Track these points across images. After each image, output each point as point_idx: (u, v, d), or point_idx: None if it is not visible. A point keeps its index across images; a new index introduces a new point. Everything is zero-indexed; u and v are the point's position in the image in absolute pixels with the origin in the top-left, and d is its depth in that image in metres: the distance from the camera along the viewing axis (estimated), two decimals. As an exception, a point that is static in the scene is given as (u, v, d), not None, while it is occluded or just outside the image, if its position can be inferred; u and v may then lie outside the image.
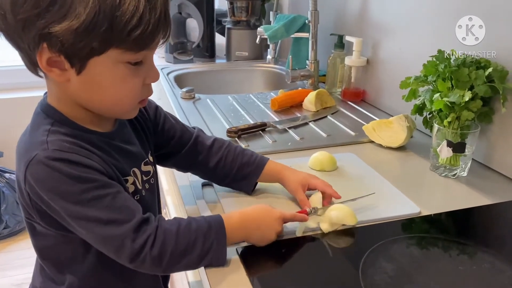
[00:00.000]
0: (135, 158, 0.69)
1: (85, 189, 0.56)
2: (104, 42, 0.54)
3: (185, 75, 1.68)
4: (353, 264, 0.62)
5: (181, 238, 0.58)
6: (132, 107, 0.63)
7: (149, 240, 0.57)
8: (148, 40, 0.56)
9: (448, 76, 0.86)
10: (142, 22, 0.54)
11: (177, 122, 0.80)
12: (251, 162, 0.79)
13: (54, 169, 0.55)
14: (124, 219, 0.57)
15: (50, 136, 0.58)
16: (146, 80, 0.61)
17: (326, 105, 1.29)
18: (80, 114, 0.61)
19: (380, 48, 1.25)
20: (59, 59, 0.55)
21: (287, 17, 1.55)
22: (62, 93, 0.60)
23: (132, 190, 0.67)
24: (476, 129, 0.86)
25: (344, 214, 0.71)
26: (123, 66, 0.57)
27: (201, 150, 0.79)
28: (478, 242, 0.70)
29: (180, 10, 1.78)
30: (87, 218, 0.56)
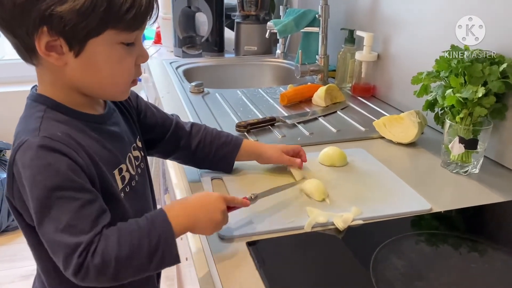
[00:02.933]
0: (126, 143, 0.70)
1: (60, 186, 0.55)
2: (102, 22, 0.56)
3: (194, 69, 1.68)
4: (364, 259, 0.62)
5: (123, 240, 0.55)
6: (126, 87, 0.65)
7: (91, 249, 0.54)
8: (141, 20, 0.60)
9: (461, 72, 0.85)
10: (136, 3, 0.57)
11: (158, 110, 0.82)
12: (228, 142, 0.83)
13: (38, 157, 0.55)
14: (82, 230, 0.54)
15: (43, 123, 0.59)
16: (137, 60, 0.64)
17: (335, 100, 1.28)
18: (73, 98, 0.63)
19: (391, 43, 1.24)
20: (57, 43, 0.56)
21: (297, 12, 1.54)
22: (57, 79, 0.61)
23: (128, 177, 0.68)
24: (488, 125, 0.85)
25: (313, 189, 0.76)
26: (118, 46, 0.60)
27: (182, 135, 0.82)
28: (490, 239, 0.69)
29: (189, 4, 1.77)
30: (49, 216, 0.54)
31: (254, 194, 0.71)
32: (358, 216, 0.71)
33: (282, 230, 0.68)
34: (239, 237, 0.67)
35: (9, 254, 1.97)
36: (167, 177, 1.30)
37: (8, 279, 1.85)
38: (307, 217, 0.70)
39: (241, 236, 0.67)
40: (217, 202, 0.64)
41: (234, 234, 0.67)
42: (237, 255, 0.64)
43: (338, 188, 0.80)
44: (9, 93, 2.26)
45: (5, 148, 2.15)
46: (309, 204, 0.74)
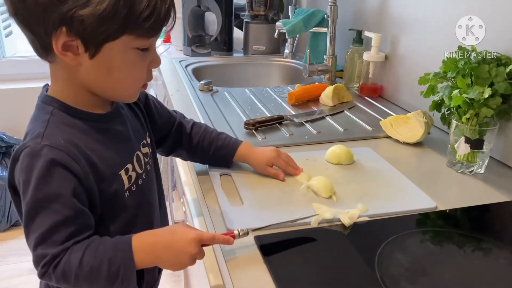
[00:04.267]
0: (133, 141, 0.71)
1: (48, 198, 0.57)
2: (121, 27, 0.57)
3: (203, 68, 1.70)
4: (369, 255, 0.63)
5: (85, 260, 0.57)
6: (136, 90, 0.67)
7: (54, 262, 0.56)
8: (158, 27, 0.60)
9: (468, 73, 0.86)
10: (155, 10, 0.58)
11: (163, 108, 0.84)
12: (225, 145, 0.85)
13: (36, 165, 0.57)
14: (54, 242, 0.56)
15: (48, 127, 0.60)
16: (150, 66, 0.65)
17: (343, 100, 1.29)
18: (83, 97, 0.64)
19: (399, 44, 1.25)
20: (74, 43, 0.57)
21: (306, 12, 1.55)
22: (70, 77, 0.62)
23: (134, 176, 0.69)
24: (494, 126, 0.86)
25: (320, 186, 0.77)
26: (133, 51, 0.61)
27: (184, 133, 0.84)
28: (494, 238, 0.70)
29: (199, 4, 1.79)
30: (33, 222, 0.57)
31: (244, 230, 0.64)
32: (364, 213, 0.72)
33: (290, 225, 0.70)
34: (247, 231, 0.68)
35: (18, 248, 2.00)
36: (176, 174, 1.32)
37: (17, 272, 1.88)
38: (314, 213, 0.72)
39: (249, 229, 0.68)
40: (189, 245, 0.59)
41: (242, 227, 0.69)
42: (245, 249, 0.65)
43: (344, 185, 0.82)
44: (21, 89, 2.29)
45: (16, 144, 2.18)
46: (316, 201, 0.76)
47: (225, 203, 0.76)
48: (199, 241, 0.60)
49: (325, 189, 0.77)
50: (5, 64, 2.37)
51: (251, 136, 1.04)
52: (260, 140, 1.02)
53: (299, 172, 0.84)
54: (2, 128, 2.24)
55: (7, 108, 2.28)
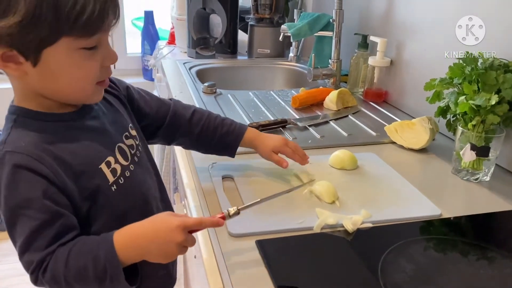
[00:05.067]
0: (112, 135, 0.69)
1: (20, 205, 0.57)
2: (53, 31, 0.55)
3: (207, 70, 1.69)
4: (373, 262, 0.62)
5: (70, 262, 0.56)
6: (91, 90, 0.63)
7: (42, 267, 0.56)
8: (97, 24, 0.57)
9: (474, 79, 0.85)
10: (87, 7, 0.54)
11: (152, 98, 0.82)
12: (231, 131, 0.83)
13: (1, 174, 0.57)
14: (37, 248, 0.56)
15: (11, 134, 0.60)
16: (104, 63, 0.62)
17: (347, 105, 1.28)
18: (44, 102, 0.62)
19: (405, 49, 1.24)
20: (12, 54, 0.55)
21: (311, 16, 1.55)
22: (23, 86, 0.61)
23: (119, 168, 0.68)
24: (501, 133, 0.85)
25: (323, 191, 0.76)
26: (78, 52, 0.58)
27: (182, 123, 0.82)
28: (499, 247, 0.69)
29: (204, 6, 1.79)
30: (14, 231, 0.57)
31: (235, 209, 0.63)
32: (368, 219, 0.71)
33: (292, 230, 0.69)
34: (249, 235, 0.67)
35: (19, 247, 2.00)
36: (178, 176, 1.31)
37: (17, 272, 1.87)
38: (317, 218, 0.71)
39: (251, 234, 0.68)
40: (173, 233, 0.57)
41: (244, 232, 0.68)
42: (247, 253, 0.64)
43: (348, 190, 0.81)
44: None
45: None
46: (319, 206, 0.75)
47: (227, 207, 0.74)
48: (184, 228, 0.58)
49: (328, 194, 0.76)
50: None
51: (254, 139, 1.03)
52: (263, 144, 1.01)
53: (307, 161, 0.83)
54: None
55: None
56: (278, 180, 0.84)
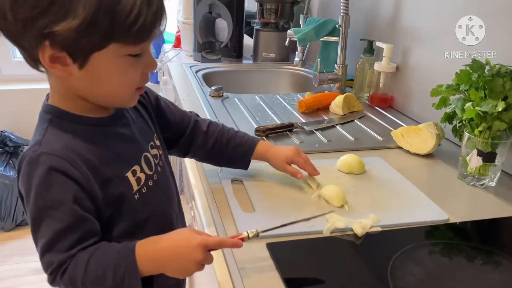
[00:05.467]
0: (140, 143, 0.70)
1: (49, 206, 0.57)
2: (105, 37, 0.56)
3: (213, 74, 1.71)
4: (382, 266, 0.63)
5: (90, 268, 0.57)
6: (130, 96, 0.65)
7: (61, 269, 0.57)
8: (146, 33, 0.58)
9: (481, 86, 0.86)
10: (140, 17, 0.56)
11: (176, 108, 0.83)
12: (244, 143, 0.84)
13: (35, 174, 0.57)
14: (59, 249, 0.57)
15: (46, 135, 0.61)
16: (145, 70, 0.64)
17: (353, 109, 1.29)
18: (81, 104, 0.63)
19: (410, 55, 1.25)
20: (61, 55, 0.56)
21: (317, 21, 1.56)
22: (63, 87, 0.62)
23: (143, 177, 0.69)
24: (507, 139, 0.86)
25: (332, 195, 0.77)
26: (123, 58, 0.59)
27: (199, 133, 0.83)
28: (507, 252, 0.70)
29: (210, 10, 1.80)
30: (39, 230, 0.58)
31: (254, 231, 0.62)
32: (376, 223, 0.72)
33: (302, 233, 0.70)
34: (260, 238, 0.68)
35: (23, 248, 2.00)
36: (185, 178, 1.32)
37: (20, 272, 1.88)
38: (326, 222, 0.72)
39: (261, 237, 0.68)
40: (194, 251, 0.58)
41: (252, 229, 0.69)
42: (257, 256, 0.65)
43: (356, 195, 0.82)
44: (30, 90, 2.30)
45: (24, 144, 2.19)
46: (328, 210, 0.76)
47: (237, 209, 0.76)
48: (205, 247, 0.59)
49: (337, 198, 0.77)
50: (15, 64, 2.39)
51: (262, 143, 1.04)
52: (270, 147, 1.02)
53: (318, 172, 0.84)
54: (11, 128, 2.25)
55: (16, 108, 2.30)
56: (287, 184, 0.84)
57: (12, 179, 2.07)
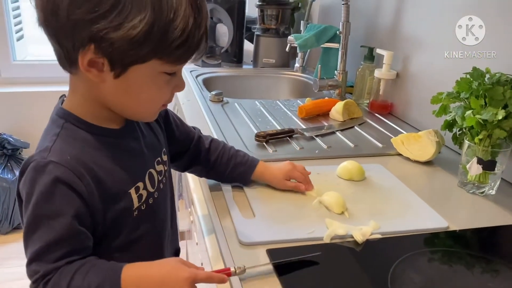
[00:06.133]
0: (147, 158, 0.70)
1: (47, 215, 0.56)
2: (151, 52, 0.56)
3: (213, 79, 1.71)
4: (382, 273, 0.63)
5: (74, 282, 0.55)
6: (155, 112, 0.66)
7: (44, 279, 0.56)
8: (188, 55, 0.59)
9: (481, 94, 0.87)
10: (189, 39, 0.56)
11: (182, 123, 0.83)
12: (244, 162, 0.84)
13: (38, 182, 0.56)
14: (48, 260, 0.56)
15: (57, 142, 0.59)
16: (174, 89, 0.64)
17: (353, 116, 1.29)
18: (98, 112, 0.63)
19: (411, 62, 1.25)
20: (100, 61, 0.56)
21: (318, 27, 1.57)
22: (90, 92, 0.61)
23: (145, 195, 0.67)
24: (507, 148, 0.86)
25: (332, 201, 0.77)
26: (159, 75, 0.60)
27: (202, 150, 0.84)
28: (506, 260, 0.70)
29: (211, 15, 1.81)
30: (31, 236, 0.56)
31: (241, 267, 0.60)
32: (377, 230, 0.72)
33: (302, 240, 0.69)
34: (259, 244, 0.68)
35: (20, 251, 1.96)
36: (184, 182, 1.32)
37: (17, 276, 1.86)
38: (326, 228, 0.72)
39: (261, 243, 0.68)
40: (181, 284, 0.56)
41: (254, 240, 0.69)
42: (257, 262, 0.65)
43: (356, 202, 0.82)
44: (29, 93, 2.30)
45: (22, 147, 2.19)
46: (328, 216, 0.76)
47: (237, 215, 0.75)
48: (193, 281, 0.57)
49: (337, 205, 0.77)
50: (15, 67, 2.39)
51: (262, 148, 1.05)
52: (270, 153, 1.02)
53: (311, 188, 0.84)
54: (9, 131, 2.24)
55: (14, 110, 2.29)
56: (288, 190, 0.84)
57: (10, 182, 2.06)
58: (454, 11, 0.98)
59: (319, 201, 0.80)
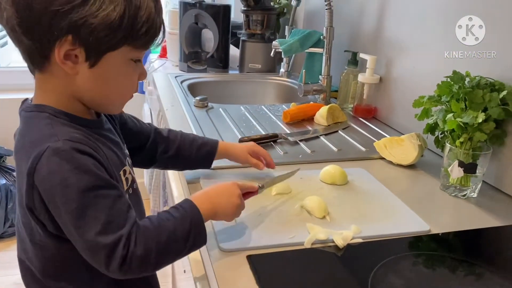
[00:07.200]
0: (122, 147, 0.73)
1: (92, 186, 0.56)
2: (123, 37, 0.60)
3: (198, 84, 1.70)
4: (363, 277, 0.62)
5: (161, 229, 0.59)
6: (125, 101, 0.69)
7: (131, 240, 0.56)
8: (153, 40, 0.64)
9: (462, 97, 0.87)
10: (153, 24, 0.62)
11: (137, 120, 0.86)
12: (205, 143, 0.88)
13: (67, 160, 0.56)
14: (119, 224, 0.57)
15: (55, 127, 0.60)
16: (139, 78, 0.67)
17: (337, 120, 1.30)
18: (73, 106, 0.64)
19: (394, 66, 1.26)
20: (75, 52, 0.58)
21: (302, 32, 1.57)
22: (62, 87, 0.62)
23: (130, 179, 0.71)
24: (488, 150, 0.87)
25: (314, 206, 0.77)
26: (129, 62, 0.63)
27: (161, 141, 0.85)
28: (487, 263, 0.70)
29: (196, 21, 1.80)
30: (86, 217, 0.55)
31: (261, 184, 0.77)
32: (358, 235, 0.72)
33: (283, 245, 0.69)
34: (239, 250, 0.67)
35: (4, 261, 1.96)
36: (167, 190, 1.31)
37: (1, 286, 1.83)
38: (308, 233, 0.71)
39: (242, 249, 0.68)
40: (233, 188, 0.69)
41: (235, 247, 0.68)
42: (237, 268, 0.64)
43: (338, 206, 0.81)
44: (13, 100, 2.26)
45: (5, 155, 2.16)
46: (310, 221, 0.75)
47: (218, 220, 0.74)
48: (237, 184, 0.70)
49: (319, 209, 0.77)
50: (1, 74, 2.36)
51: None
52: (254, 158, 1.01)
53: (274, 166, 0.91)
54: (-6, 139, 2.21)
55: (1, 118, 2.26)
56: (269, 196, 0.84)
57: (-7, 190, 2.03)
58: (454, 11, 0.97)
59: (301, 206, 0.79)
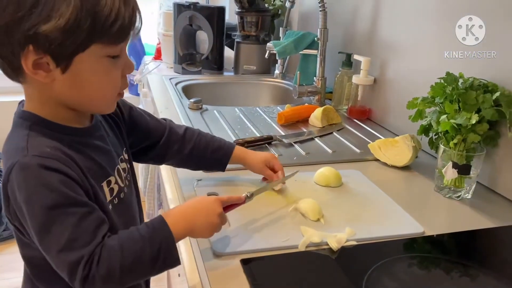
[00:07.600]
0: (113, 156, 0.71)
1: (56, 204, 0.55)
2: (88, 37, 0.56)
3: (193, 86, 1.70)
4: (357, 280, 0.62)
5: (126, 249, 0.57)
6: (113, 99, 0.66)
7: (94, 260, 0.55)
8: (125, 33, 0.60)
9: (455, 99, 0.87)
10: (119, 16, 0.57)
11: (151, 117, 0.84)
12: (221, 146, 0.86)
13: (34, 176, 0.56)
14: (83, 243, 0.55)
15: (30, 140, 0.59)
16: (124, 72, 0.64)
17: (332, 122, 1.29)
18: (60, 113, 0.63)
19: (388, 67, 1.26)
20: (44, 60, 0.56)
21: (297, 34, 1.57)
22: (44, 95, 0.61)
23: (116, 189, 0.69)
24: (481, 152, 0.87)
25: (308, 208, 0.77)
26: (104, 60, 0.60)
27: (176, 140, 0.84)
28: (481, 264, 0.70)
29: (191, 22, 1.80)
30: (49, 234, 0.55)
31: (249, 193, 0.73)
32: (352, 237, 0.72)
33: (277, 248, 0.69)
34: (233, 254, 0.67)
35: (-2, 265, 1.95)
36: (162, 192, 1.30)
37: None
38: (302, 236, 0.71)
39: (236, 253, 0.67)
40: (213, 205, 0.65)
41: (228, 251, 0.68)
42: (231, 272, 0.64)
43: (332, 208, 0.81)
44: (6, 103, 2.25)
45: None
46: (304, 224, 0.75)
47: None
48: (219, 201, 0.67)
49: (313, 212, 0.76)
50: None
51: (240, 156, 1.03)
52: (248, 160, 1.01)
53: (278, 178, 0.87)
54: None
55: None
56: (264, 199, 0.83)
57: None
58: (454, 11, 0.97)
59: (295, 208, 0.79)
